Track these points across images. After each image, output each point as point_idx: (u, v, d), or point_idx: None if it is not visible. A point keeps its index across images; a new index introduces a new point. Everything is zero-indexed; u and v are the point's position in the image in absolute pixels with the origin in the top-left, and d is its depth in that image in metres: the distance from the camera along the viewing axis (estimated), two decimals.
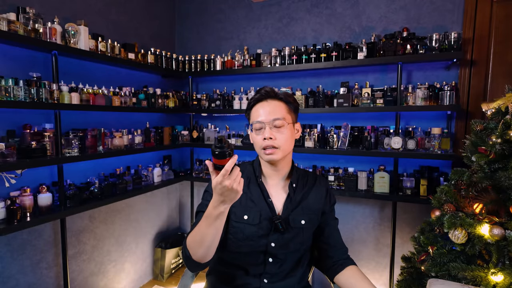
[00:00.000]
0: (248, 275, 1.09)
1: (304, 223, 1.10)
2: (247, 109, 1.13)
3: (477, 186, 1.36)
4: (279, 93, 1.10)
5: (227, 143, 0.79)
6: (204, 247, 0.91)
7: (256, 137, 1.07)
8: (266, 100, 1.08)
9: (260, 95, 1.08)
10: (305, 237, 1.11)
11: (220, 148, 0.77)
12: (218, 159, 0.78)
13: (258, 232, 1.07)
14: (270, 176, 1.14)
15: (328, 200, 1.18)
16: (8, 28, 1.50)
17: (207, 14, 2.89)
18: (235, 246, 1.08)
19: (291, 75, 2.60)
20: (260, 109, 1.07)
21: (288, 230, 1.08)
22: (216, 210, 0.85)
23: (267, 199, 1.10)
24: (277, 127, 1.04)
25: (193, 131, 2.78)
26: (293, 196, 1.12)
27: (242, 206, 1.09)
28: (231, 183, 0.79)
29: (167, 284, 2.65)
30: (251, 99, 1.11)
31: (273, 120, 1.04)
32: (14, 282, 1.74)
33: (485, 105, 1.44)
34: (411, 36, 2.07)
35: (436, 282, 1.21)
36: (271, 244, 1.07)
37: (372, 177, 2.22)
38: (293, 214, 1.10)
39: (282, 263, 1.09)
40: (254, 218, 1.08)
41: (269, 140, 1.03)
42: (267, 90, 1.09)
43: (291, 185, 1.13)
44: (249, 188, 1.12)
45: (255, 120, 1.06)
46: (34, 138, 1.67)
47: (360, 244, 2.44)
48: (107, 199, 2.02)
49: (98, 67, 2.20)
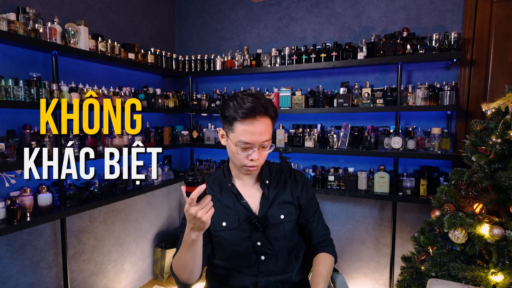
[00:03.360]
0: (245, 275, 1.10)
1: (283, 217, 1.10)
2: (233, 116, 0.98)
3: (477, 186, 1.36)
4: (269, 108, 1.00)
5: (199, 171, 0.82)
6: (187, 271, 0.96)
7: (239, 154, 1.00)
8: (258, 117, 0.97)
9: (254, 112, 0.96)
10: (287, 230, 1.10)
11: (192, 176, 0.80)
12: (189, 187, 0.81)
13: (240, 235, 1.07)
14: (241, 178, 1.13)
15: (305, 194, 1.15)
16: (8, 28, 1.50)
17: (207, 14, 2.89)
18: (223, 253, 1.10)
19: (291, 75, 2.60)
20: (251, 128, 0.97)
21: (268, 227, 1.08)
22: (189, 236, 0.88)
23: (241, 201, 1.10)
24: (263, 147, 1.02)
25: (193, 131, 2.78)
26: (268, 193, 1.11)
27: (218, 214, 1.08)
28: (196, 211, 0.81)
29: (167, 284, 2.65)
30: (240, 108, 0.97)
31: (263, 142, 1.00)
32: (14, 282, 1.74)
33: (485, 105, 1.44)
34: (411, 36, 2.07)
35: (436, 282, 1.21)
36: (257, 244, 1.08)
37: (372, 177, 2.22)
38: (271, 211, 1.09)
39: (275, 259, 1.10)
40: (232, 223, 1.08)
41: (256, 161, 1.01)
42: (260, 109, 0.97)
43: (264, 183, 1.12)
44: (221, 195, 1.12)
45: (243, 139, 0.97)
46: (34, 138, 1.67)
47: (360, 244, 2.44)
48: (107, 199, 2.02)
49: (98, 67, 2.20)
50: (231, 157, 1.06)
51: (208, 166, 2.76)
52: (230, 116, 0.99)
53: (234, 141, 1.00)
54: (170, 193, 2.98)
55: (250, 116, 0.96)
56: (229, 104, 1.00)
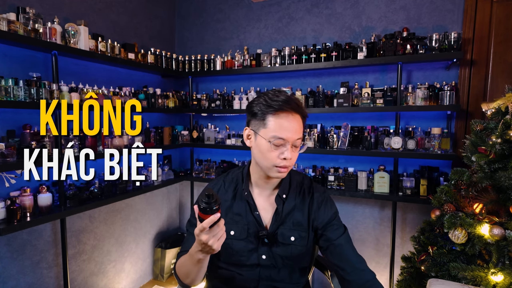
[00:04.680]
0: (246, 277, 1.09)
1: (293, 240, 1.02)
2: (262, 111, 0.94)
3: (477, 186, 1.36)
4: (302, 106, 0.97)
5: (215, 198, 0.76)
6: (190, 278, 0.96)
7: (271, 152, 0.93)
8: (294, 113, 0.93)
9: (289, 105, 0.92)
10: (295, 253, 1.03)
11: (206, 203, 0.75)
12: (202, 213, 0.77)
13: (247, 246, 1.03)
14: (260, 186, 1.06)
15: (322, 214, 1.05)
16: (8, 28, 1.50)
17: (207, 14, 2.89)
18: (228, 260, 1.07)
19: (291, 75, 2.60)
20: (286, 123, 0.92)
21: (277, 244, 1.03)
22: (196, 255, 0.87)
23: (254, 212, 1.04)
24: (295, 147, 0.96)
25: (193, 131, 2.78)
26: (282, 209, 1.04)
27: (228, 220, 1.04)
28: (207, 239, 0.79)
29: (167, 284, 2.65)
30: (273, 101, 0.93)
31: (296, 140, 0.94)
32: (14, 282, 1.74)
33: (485, 105, 1.44)
34: (411, 36, 2.07)
35: (436, 282, 1.22)
36: (262, 257, 1.04)
37: (372, 177, 2.22)
38: (282, 229, 1.03)
39: (278, 272, 1.06)
40: (241, 233, 1.03)
41: (288, 161, 0.94)
42: (297, 103, 0.93)
43: (280, 197, 1.04)
44: (235, 200, 1.06)
45: (278, 135, 0.92)
46: (34, 138, 1.67)
47: (360, 244, 2.44)
48: (107, 199, 2.02)
49: (98, 67, 2.20)
50: (259, 157, 0.97)
51: (208, 166, 2.76)
52: (261, 110, 0.94)
53: (266, 137, 0.93)
54: (170, 193, 2.98)
55: (285, 109, 0.92)
56: (259, 100, 0.96)
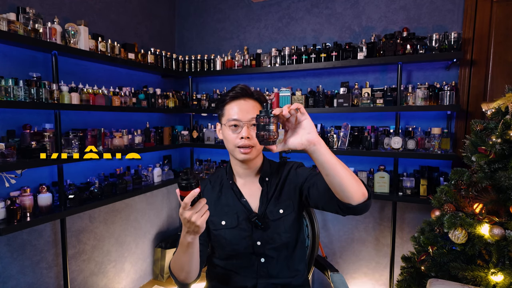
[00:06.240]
0: (244, 276, 1.09)
1: (282, 212, 1.09)
2: (220, 106, 1.10)
3: (477, 186, 1.36)
4: (254, 92, 1.09)
5: (193, 174, 0.80)
6: (184, 271, 0.97)
7: (230, 135, 1.05)
8: (243, 98, 1.06)
9: (235, 93, 1.06)
10: (287, 225, 1.09)
11: (185, 180, 0.78)
12: (182, 191, 0.79)
13: (240, 234, 1.07)
14: (241, 175, 1.13)
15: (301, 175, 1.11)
16: (8, 28, 1.50)
17: (207, 14, 2.89)
18: (223, 252, 1.10)
19: (291, 75, 2.60)
20: (236, 107, 1.05)
21: (268, 224, 1.07)
22: (184, 239, 0.88)
23: (241, 199, 1.10)
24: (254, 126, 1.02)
25: (193, 131, 2.78)
26: (267, 190, 1.11)
27: (218, 212, 1.09)
28: (190, 216, 0.80)
29: (167, 284, 2.65)
30: (224, 95, 1.09)
31: (250, 119, 1.02)
32: (14, 282, 1.74)
33: (485, 105, 1.44)
34: (411, 36, 2.07)
35: (436, 282, 1.22)
36: (257, 243, 1.07)
37: (372, 177, 2.22)
38: (270, 207, 1.09)
39: (275, 262, 1.09)
40: (232, 221, 1.08)
41: (246, 140, 1.02)
42: (243, 88, 1.07)
43: (263, 180, 1.12)
44: (222, 193, 1.13)
45: (232, 117, 1.04)
46: (34, 138, 1.67)
47: (360, 244, 2.44)
48: (107, 199, 2.02)
49: (98, 67, 2.20)
50: (226, 144, 1.08)
51: (208, 166, 2.76)
52: (220, 104, 1.09)
53: (225, 123, 1.06)
54: (170, 193, 2.98)
55: (237, 97, 1.06)
56: (219, 98, 1.12)
